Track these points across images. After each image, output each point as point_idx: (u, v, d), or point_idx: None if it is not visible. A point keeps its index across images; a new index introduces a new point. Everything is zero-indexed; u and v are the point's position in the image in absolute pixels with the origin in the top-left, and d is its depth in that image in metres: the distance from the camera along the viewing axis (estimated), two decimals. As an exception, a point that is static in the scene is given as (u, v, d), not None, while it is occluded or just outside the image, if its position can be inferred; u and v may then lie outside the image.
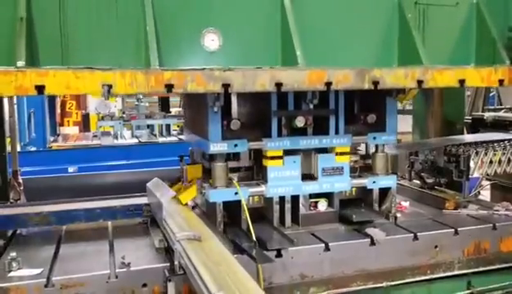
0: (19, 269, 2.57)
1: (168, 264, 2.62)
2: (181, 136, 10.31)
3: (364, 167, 3.42)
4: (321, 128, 3.15)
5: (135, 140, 9.95)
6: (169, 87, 2.39)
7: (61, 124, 12.43)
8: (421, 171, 4.04)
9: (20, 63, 2.20)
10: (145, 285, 2.56)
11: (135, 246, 2.95)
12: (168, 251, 2.77)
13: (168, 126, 10.92)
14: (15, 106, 5.40)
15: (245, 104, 3.15)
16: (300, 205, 3.15)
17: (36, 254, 2.86)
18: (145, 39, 2.47)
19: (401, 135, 5.96)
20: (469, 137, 4.17)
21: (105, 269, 2.57)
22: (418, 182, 4.09)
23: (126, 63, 2.47)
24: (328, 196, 3.23)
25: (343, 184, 3.20)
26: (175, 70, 2.42)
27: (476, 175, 3.99)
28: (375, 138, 3.25)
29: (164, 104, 13.05)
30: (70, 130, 12.16)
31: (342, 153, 3.19)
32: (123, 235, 3.17)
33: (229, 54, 2.69)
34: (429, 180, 3.93)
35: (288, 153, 3.08)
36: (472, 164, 3.66)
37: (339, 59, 2.88)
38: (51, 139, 10.20)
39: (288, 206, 3.13)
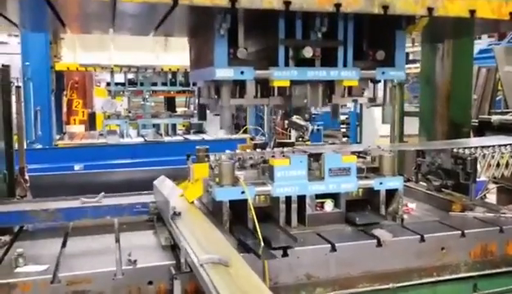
0: (25, 265, 2.57)
1: (175, 261, 2.62)
2: (186, 136, 10.34)
3: (371, 168, 3.42)
4: (328, 62, 3.07)
5: (141, 139, 9.98)
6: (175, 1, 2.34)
7: (67, 122, 12.49)
8: (428, 174, 4.03)
9: None
10: (151, 282, 2.56)
11: (141, 243, 2.96)
12: (174, 249, 2.78)
13: (173, 125, 10.95)
14: (22, 104, 5.41)
15: (252, 33, 3.05)
16: (306, 205, 3.15)
17: (42, 250, 2.87)
18: None
19: (408, 138, 5.97)
20: (475, 140, 4.16)
21: (112, 266, 2.57)
22: (425, 184, 4.08)
23: None
24: (334, 196, 3.22)
25: (349, 185, 3.19)
26: None
27: (483, 178, 3.98)
28: (383, 73, 3.18)
29: (170, 104, 13.07)
30: (76, 128, 12.20)
31: (350, 92, 3.13)
32: (130, 232, 3.17)
33: None
34: (436, 183, 3.92)
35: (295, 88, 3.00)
36: (479, 167, 3.65)
37: None
38: (58, 137, 10.23)
39: (294, 206, 3.12)
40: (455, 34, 4.45)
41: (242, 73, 2.89)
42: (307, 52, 2.95)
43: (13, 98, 4.32)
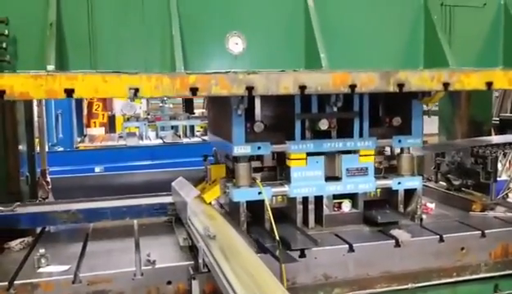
0: (47, 265, 2.63)
1: (193, 262, 2.65)
2: (204, 137, 10.38)
3: (389, 167, 3.39)
4: (345, 131, 3.13)
5: (159, 141, 10.06)
6: (194, 91, 2.40)
7: (88, 125, 12.65)
8: (448, 173, 3.98)
9: (50, 67, 2.25)
10: (169, 282, 2.59)
11: (160, 244, 2.99)
12: (192, 250, 2.80)
13: (191, 127, 11.01)
14: (44, 107, 5.52)
15: (269, 106, 3.15)
16: (324, 205, 3.14)
17: (64, 251, 2.92)
18: (170, 43, 2.50)
19: (428, 137, 5.90)
20: (496, 138, 4.10)
21: (131, 267, 2.61)
22: (444, 184, 4.04)
23: (152, 66, 2.52)
24: (352, 197, 3.21)
25: (367, 185, 3.18)
26: (199, 74, 2.44)
27: (504, 177, 3.92)
28: (400, 141, 3.22)
29: (188, 106, 13.14)
30: (97, 131, 12.38)
31: (366, 156, 3.16)
32: (149, 233, 3.21)
33: (253, 57, 2.70)
34: (456, 182, 3.88)
35: (311, 153, 3.08)
36: (499, 166, 3.59)
37: (363, 61, 2.85)
38: (78, 139, 10.39)
39: (311, 206, 3.12)
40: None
41: (259, 148, 2.97)
42: (323, 125, 3.00)
43: (34, 102, 4.41)
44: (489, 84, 2.82)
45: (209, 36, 2.65)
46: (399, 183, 3.24)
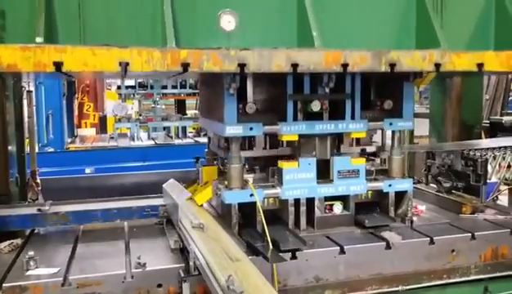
0: (36, 267, 2.61)
1: (183, 264, 2.64)
2: (197, 138, 10.37)
3: (380, 170, 3.40)
4: (337, 113, 3.10)
5: (151, 142, 10.03)
6: (185, 66, 2.38)
7: (79, 126, 12.58)
8: (438, 175, 4.00)
9: (39, 39, 2.22)
10: (160, 285, 2.58)
11: (151, 246, 2.98)
12: (183, 252, 2.79)
13: (184, 128, 10.98)
14: (34, 108, 5.47)
15: (261, 88, 3.11)
16: (315, 208, 3.14)
17: (53, 253, 2.90)
18: (161, 20, 2.47)
19: (419, 139, 5.93)
20: (486, 141, 4.12)
21: (121, 269, 2.59)
22: (435, 186, 4.06)
23: (143, 41, 2.49)
24: (344, 199, 3.21)
25: (358, 187, 3.19)
26: (191, 48, 2.41)
27: (494, 179, 3.95)
28: (391, 124, 3.20)
29: (180, 107, 13.13)
30: (87, 131, 12.30)
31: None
32: (139, 235, 3.20)
33: (245, 36, 2.68)
34: (446, 184, 3.90)
35: (303, 136, 3.05)
36: (490, 168, 3.62)
37: (355, 41, 2.85)
38: (69, 140, 10.33)
39: (303, 208, 3.12)
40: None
41: (251, 129, 2.94)
42: (315, 106, 2.99)
43: (24, 102, 4.38)
44: (480, 65, 2.84)
45: (201, 13, 2.64)
46: (390, 185, 3.25)
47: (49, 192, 4.54)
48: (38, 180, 4.50)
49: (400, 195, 3.29)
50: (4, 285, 2.43)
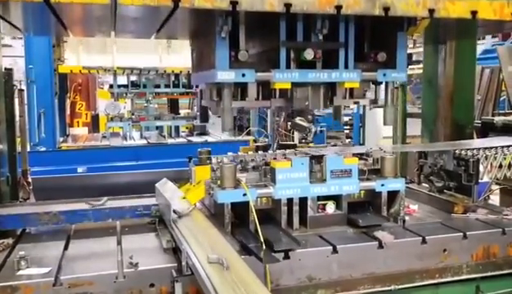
0: (27, 267, 2.59)
1: (176, 264, 2.63)
2: (189, 138, 10.34)
3: (372, 169, 3.42)
4: (330, 64, 3.07)
5: (144, 142, 9.99)
6: (176, 1, 2.35)
7: (71, 125, 12.50)
8: (430, 175, 4.02)
9: None
10: (152, 285, 2.57)
11: (143, 246, 2.97)
12: (175, 252, 2.78)
13: (176, 127, 10.94)
14: (26, 106, 5.43)
15: (253, 35, 3.05)
16: (308, 207, 3.15)
17: (44, 253, 2.88)
18: None
19: (411, 139, 5.95)
20: (478, 141, 4.14)
21: (113, 269, 2.58)
22: (427, 186, 4.07)
23: None
24: (336, 198, 3.22)
25: (351, 187, 3.20)
26: None
27: (485, 179, 3.97)
28: (384, 75, 3.17)
29: (173, 106, 13.08)
30: (80, 130, 12.23)
31: (351, 93, 3.13)
32: (132, 235, 3.18)
33: None
34: (438, 184, 3.91)
35: (296, 84, 2.98)
36: (481, 168, 3.63)
37: None
38: (61, 139, 10.25)
39: (296, 208, 3.12)
40: (457, 35, 4.44)
41: (243, 75, 2.88)
42: (309, 54, 2.95)
43: (16, 100, 4.34)
44: (474, 13, 2.85)
45: None
46: (382, 185, 3.26)
47: (41, 191, 4.51)
48: (30, 180, 4.47)
49: (392, 195, 3.30)
50: (-6, 285, 2.41)
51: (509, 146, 3.69)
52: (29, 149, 5.59)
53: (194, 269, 2.40)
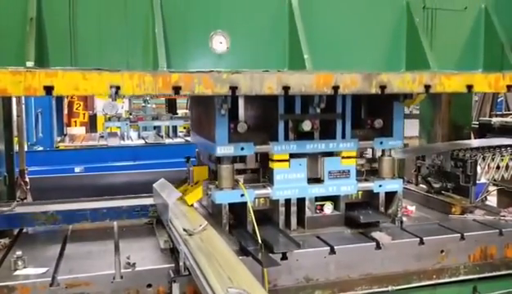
0: (24, 267, 2.58)
1: (173, 264, 2.62)
2: (187, 138, 10.33)
3: (370, 170, 3.42)
4: (327, 132, 3.15)
5: (141, 141, 9.99)
6: (177, 89, 2.39)
7: (68, 124, 12.50)
8: (428, 176, 4.02)
9: (29, 63, 2.21)
10: (149, 285, 2.57)
11: (140, 246, 2.96)
12: (173, 252, 2.78)
13: (174, 127, 10.95)
14: (23, 106, 5.42)
15: (252, 107, 3.15)
16: (306, 208, 3.15)
17: (42, 253, 2.87)
18: (153, 41, 2.47)
19: (409, 140, 5.95)
20: (476, 142, 4.15)
21: (111, 269, 2.57)
22: (424, 187, 4.08)
23: (134, 64, 2.49)
24: (334, 199, 3.22)
25: (349, 188, 3.20)
26: (182, 72, 2.42)
27: (483, 180, 3.97)
28: (381, 143, 3.25)
29: (171, 106, 13.08)
30: (77, 130, 12.23)
31: (348, 157, 3.19)
32: (129, 235, 3.17)
33: (237, 57, 2.69)
34: (436, 185, 3.91)
35: (294, 155, 3.09)
36: (479, 169, 3.64)
37: (346, 63, 2.87)
38: (58, 139, 10.25)
39: (294, 208, 3.12)
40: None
41: (242, 149, 2.97)
42: (306, 126, 3.02)
43: (13, 100, 4.33)
44: (469, 87, 2.88)
45: (193, 34, 2.63)
46: (380, 185, 3.26)
47: (38, 191, 4.50)
48: (27, 179, 4.46)
49: (390, 195, 3.30)
50: (-9, 285, 2.40)
51: (506, 147, 3.70)
52: (26, 149, 5.57)
53: (191, 269, 2.40)
